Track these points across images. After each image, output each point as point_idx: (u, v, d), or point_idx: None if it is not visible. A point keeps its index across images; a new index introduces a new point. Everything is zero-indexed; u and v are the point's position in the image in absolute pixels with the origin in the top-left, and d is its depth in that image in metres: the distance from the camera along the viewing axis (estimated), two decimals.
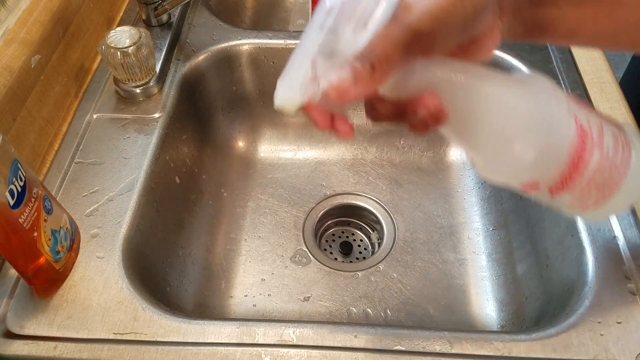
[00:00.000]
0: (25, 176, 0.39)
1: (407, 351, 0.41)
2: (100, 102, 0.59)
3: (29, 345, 0.42)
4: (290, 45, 0.68)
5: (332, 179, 0.71)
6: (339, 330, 0.42)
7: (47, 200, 0.42)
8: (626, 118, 0.56)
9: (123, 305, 0.44)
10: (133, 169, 0.53)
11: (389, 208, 0.68)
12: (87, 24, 0.63)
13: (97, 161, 0.54)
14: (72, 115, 0.58)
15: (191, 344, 0.42)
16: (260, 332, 0.42)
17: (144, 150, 0.55)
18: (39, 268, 0.43)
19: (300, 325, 0.43)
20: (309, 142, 0.75)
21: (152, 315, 0.43)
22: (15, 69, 0.49)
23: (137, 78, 0.58)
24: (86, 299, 0.44)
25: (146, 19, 0.67)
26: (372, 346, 0.42)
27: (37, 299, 0.44)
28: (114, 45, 0.56)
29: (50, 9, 0.55)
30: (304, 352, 0.41)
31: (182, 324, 0.43)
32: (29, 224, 0.39)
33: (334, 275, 0.62)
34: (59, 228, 0.43)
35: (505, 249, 0.61)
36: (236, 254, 0.64)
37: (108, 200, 0.50)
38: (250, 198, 0.69)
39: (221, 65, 0.68)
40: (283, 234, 0.66)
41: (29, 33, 0.52)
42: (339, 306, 0.60)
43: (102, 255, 0.47)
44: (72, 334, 0.42)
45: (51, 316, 0.43)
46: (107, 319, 0.43)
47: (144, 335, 0.42)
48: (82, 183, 0.52)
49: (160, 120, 0.58)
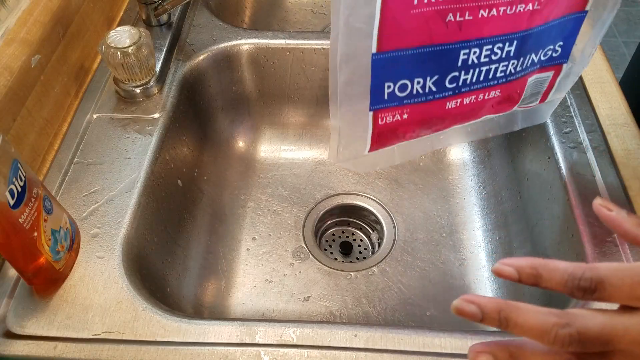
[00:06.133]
0: (25, 176, 0.39)
1: (407, 351, 0.41)
2: (101, 102, 0.59)
3: (29, 345, 0.42)
4: (290, 45, 0.68)
5: (332, 179, 0.71)
6: (338, 330, 0.42)
7: (47, 200, 0.42)
8: (626, 118, 0.56)
9: (123, 305, 0.44)
10: (133, 169, 0.53)
11: (389, 208, 0.68)
12: (87, 24, 0.63)
13: (97, 161, 0.54)
14: (72, 115, 0.58)
15: (191, 344, 0.42)
16: (260, 332, 0.42)
17: (144, 150, 0.55)
18: (39, 268, 0.43)
19: (300, 325, 0.43)
20: (309, 142, 0.75)
21: (152, 315, 0.43)
22: (15, 69, 0.49)
23: (137, 78, 0.58)
24: (86, 299, 0.44)
25: (146, 19, 0.67)
26: (372, 346, 0.42)
27: (37, 299, 0.44)
28: (114, 45, 0.56)
29: (51, 8, 0.55)
30: (304, 352, 0.41)
31: (182, 324, 0.43)
32: (29, 224, 0.39)
33: (334, 275, 0.62)
34: (59, 228, 0.43)
35: (505, 249, 0.61)
36: (236, 254, 0.64)
37: (108, 200, 0.50)
38: (250, 198, 0.69)
39: (221, 65, 0.68)
40: (283, 234, 0.66)
41: (29, 33, 0.52)
42: (339, 306, 0.60)
43: (102, 255, 0.47)
44: (72, 334, 0.42)
45: (51, 316, 0.43)
46: (107, 319, 0.43)
47: (144, 335, 0.42)
48: (82, 183, 0.52)
49: (160, 120, 0.58)
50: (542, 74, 0.42)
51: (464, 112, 0.41)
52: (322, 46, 0.68)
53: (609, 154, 0.53)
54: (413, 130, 0.41)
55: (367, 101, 0.37)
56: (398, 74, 0.36)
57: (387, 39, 0.34)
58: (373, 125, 0.38)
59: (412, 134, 0.41)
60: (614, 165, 0.52)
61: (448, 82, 0.38)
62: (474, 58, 0.37)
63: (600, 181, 0.51)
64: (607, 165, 0.52)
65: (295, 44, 0.68)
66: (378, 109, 0.37)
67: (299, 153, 0.74)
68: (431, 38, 0.35)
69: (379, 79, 0.36)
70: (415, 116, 0.39)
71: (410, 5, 0.33)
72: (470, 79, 0.38)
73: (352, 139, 0.39)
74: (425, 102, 0.38)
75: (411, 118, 0.39)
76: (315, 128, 0.75)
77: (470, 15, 0.35)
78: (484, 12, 0.36)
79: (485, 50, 0.37)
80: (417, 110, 0.39)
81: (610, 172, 0.52)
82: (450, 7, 0.35)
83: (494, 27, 0.37)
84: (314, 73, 0.70)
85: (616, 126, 0.56)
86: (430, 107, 0.39)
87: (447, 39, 0.36)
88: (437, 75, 0.37)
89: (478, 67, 0.38)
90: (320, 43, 0.68)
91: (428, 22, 0.34)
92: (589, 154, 0.54)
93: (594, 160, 0.53)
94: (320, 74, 0.70)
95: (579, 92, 0.60)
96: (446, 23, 0.35)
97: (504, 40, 0.38)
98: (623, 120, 0.56)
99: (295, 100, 0.73)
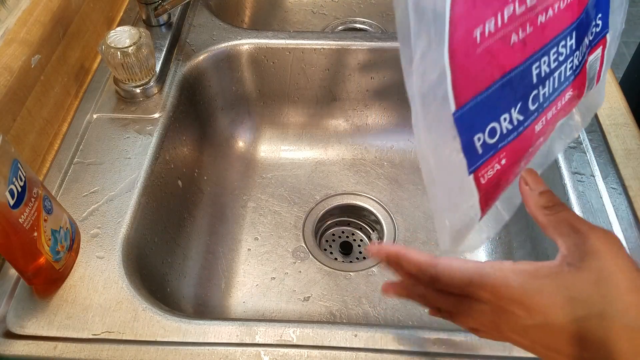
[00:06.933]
0: (26, 176, 0.39)
1: (407, 351, 0.41)
2: (100, 102, 0.59)
3: (29, 346, 0.42)
4: (290, 45, 0.68)
5: (332, 179, 0.71)
6: (338, 330, 0.42)
7: (47, 200, 0.42)
8: (626, 118, 0.56)
9: (123, 305, 0.44)
10: (133, 169, 0.53)
11: (389, 208, 0.68)
12: (87, 24, 0.63)
13: (97, 161, 0.54)
14: (72, 115, 0.58)
15: (191, 344, 0.42)
16: (260, 332, 0.42)
17: (144, 150, 0.55)
18: (39, 268, 0.43)
19: (300, 325, 0.43)
20: (309, 142, 0.75)
21: (152, 315, 0.43)
22: (15, 69, 0.49)
23: (137, 78, 0.58)
24: (86, 299, 0.44)
25: (146, 19, 0.67)
26: (372, 346, 0.42)
27: (37, 299, 0.44)
28: (114, 45, 0.56)
29: (51, 8, 0.55)
30: (304, 352, 0.41)
31: (182, 324, 0.43)
32: (29, 224, 0.39)
33: (334, 275, 0.62)
34: (59, 228, 0.43)
35: (505, 249, 0.61)
36: (236, 254, 0.64)
37: (108, 200, 0.50)
38: (250, 198, 0.69)
39: (221, 65, 0.68)
40: (283, 234, 0.66)
41: (29, 33, 0.52)
42: (339, 306, 0.60)
43: (102, 255, 0.47)
44: (72, 334, 0.42)
45: (51, 316, 0.43)
46: (107, 319, 0.43)
47: (144, 335, 0.42)
48: (82, 183, 0.52)
49: (160, 120, 0.58)
50: (593, 53, 0.39)
51: (547, 128, 0.37)
52: (322, 46, 0.68)
53: (609, 154, 0.53)
54: (512, 172, 0.36)
55: (464, 166, 0.32)
56: (483, 121, 0.32)
57: (461, 90, 0.31)
58: (478, 189, 0.34)
59: (511, 177, 0.37)
60: (614, 165, 0.52)
61: (531, 104, 0.34)
62: (545, 68, 0.34)
63: (600, 181, 0.51)
64: (607, 165, 0.52)
65: (295, 44, 0.68)
66: (477, 168, 0.33)
67: (299, 153, 0.74)
68: (502, 68, 0.32)
69: (467, 135, 0.32)
70: (512, 157, 0.35)
71: (474, 44, 0.30)
72: (548, 91, 0.35)
73: (461, 218, 0.35)
74: (518, 137, 0.34)
75: (509, 161, 0.35)
76: (315, 128, 0.75)
77: (531, 27, 0.33)
78: (542, 18, 0.33)
79: (552, 55, 0.35)
80: (512, 149, 0.35)
81: (610, 172, 0.52)
82: (512, 28, 0.32)
83: (553, 27, 0.34)
84: (314, 73, 0.70)
85: (616, 126, 0.56)
86: (522, 139, 0.35)
87: (517, 62, 0.33)
88: (520, 102, 0.34)
89: (552, 75, 0.35)
90: (320, 43, 0.68)
91: (495, 54, 0.31)
92: (589, 154, 0.54)
93: (594, 160, 0.53)
94: (320, 74, 0.70)
95: None
96: (512, 46, 0.32)
97: (565, 36, 0.35)
98: (623, 120, 0.56)
99: (295, 100, 0.73)
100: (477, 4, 0.30)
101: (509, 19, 0.31)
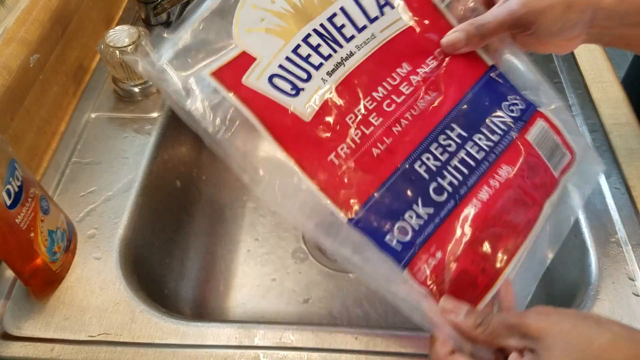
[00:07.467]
0: (23, 176, 0.39)
1: (407, 353, 0.41)
2: (99, 102, 0.59)
3: (26, 347, 0.41)
4: None
5: None
6: (338, 332, 0.42)
7: (44, 200, 0.41)
8: (628, 117, 0.56)
9: (120, 306, 0.43)
10: (131, 169, 0.53)
11: None
12: (86, 23, 0.62)
13: (94, 161, 0.53)
14: (71, 114, 0.58)
15: (189, 346, 0.41)
16: (259, 335, 0.42)
17: (142, 150, 0.54)
18: (36, 269, 0.42)
19: (300, 328, 0.42)
20: None
21: (149, 317, 0.43)
22: (13, 69, 0.49)
23: (136, 77, 0.58)
24: (83, 300, 0.44)
25: (145, 18, 0.67)
26: (372, 348, 0.41)
27: (34, 300, 0.44)
28: (113, 45, 0.55)
29: (49, 8, 0.55)
30: (303, 355, 0.41)
31: (180, 326, 0.42)
32: (25, 225, 0.39)
33: (334, 276, 0.62)
34: (55, 229, 0.43)
35: None
36: (235, 255, 0.63)
37: (105, 201, 0.50)
38: (250, 198, 0.69)
39: None
40: (282, 235, 0.65)
41: (27, 32, 0.52)
42: (339, 308, 0.59)
43: (99, 256, 0.46)
44: (69, 335, 0.42)
45: (48, 317, 0.43)
46: (105, 321, 0.42)
47: (142, 337, 0.42)
48: (80, 183, 0.51)
49: (158, 119, 0.58)
50: (533, 127, 0.38)
51: (504, 205, 0.36)
52: None
53: (612, 154, 0.53)
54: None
55: (391, 264, 0.33)
56: (384, 222, 0.34)
57: (344, 202, 0.34)
58: (424, 286, 0.34)
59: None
60: (616, 165, 0.52)
61: (436, 196, 0.35)
62: (433, 163, 0.35)
63: (603, 181, 0.51)
64: (610, 165, 0.52)
65: None
66: (409, 262, 0.33)
67: None
68: (379, 178, 0.35)
69: (374, 235, 0.33)
70: (445, 245, 0.34)
71: (334, 167, 0.34)
72: (456, 178, 0.35)
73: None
74: (441, 226, 0.34)
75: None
76: None
77: (389, 138, 0.36)
78: (395, 128, 0.36)
79: (436, 150, 0.36)
80: (441, 238, 0.34)
81: (613, 172, 0.51)
82: (366, 147, 0.35)
83: (418, 130, 0.36)
84: None
85: (619, 125, 0.55)
86: (448, 226, 0.34)
87: (391, 168, 0.35)
88: (420, 197, 0.34)
89: (447, 165, 0.36)
90: None
91: (361, 169, 0.35)
92: None
93: None
94: None
95: (580, 91, 0.59)
96: (377, 157, 0.35)
97: (441, 132, 0.37)
98: (625, 119, 0.56)
99: None
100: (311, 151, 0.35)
101: (355, 145, 0.35)
